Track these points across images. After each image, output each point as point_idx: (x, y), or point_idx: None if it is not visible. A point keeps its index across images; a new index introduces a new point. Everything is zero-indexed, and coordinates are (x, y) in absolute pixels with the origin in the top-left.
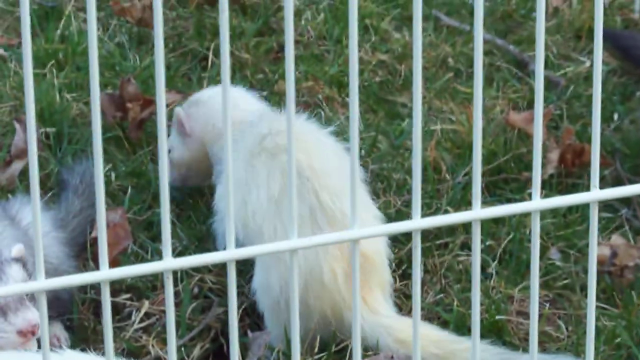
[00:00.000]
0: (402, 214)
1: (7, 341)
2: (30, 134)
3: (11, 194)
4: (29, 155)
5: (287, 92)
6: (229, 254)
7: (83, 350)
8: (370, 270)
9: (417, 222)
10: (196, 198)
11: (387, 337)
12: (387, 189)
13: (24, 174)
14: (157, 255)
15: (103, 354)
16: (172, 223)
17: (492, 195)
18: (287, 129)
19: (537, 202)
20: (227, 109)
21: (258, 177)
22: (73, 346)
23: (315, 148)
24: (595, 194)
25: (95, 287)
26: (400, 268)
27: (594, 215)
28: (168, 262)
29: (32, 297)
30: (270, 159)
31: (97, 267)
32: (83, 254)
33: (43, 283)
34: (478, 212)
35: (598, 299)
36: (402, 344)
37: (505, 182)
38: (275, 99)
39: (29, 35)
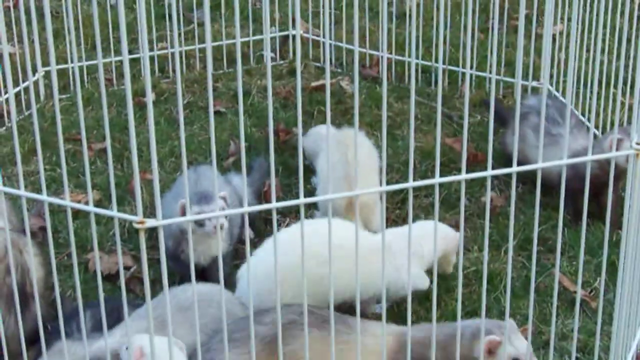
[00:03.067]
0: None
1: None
2: (242, 146)
3: (228, 171)
4: (241, 155)
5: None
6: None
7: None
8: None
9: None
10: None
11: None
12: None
13: (235, 163)
14: (294, 198)
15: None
16: None
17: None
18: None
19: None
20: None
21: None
22: (255, 238)
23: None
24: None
25: (265, 210)
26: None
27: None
28: (302, 200)
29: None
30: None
31: (266, 203)
32: (259, 198)
33: (247, 209)
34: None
35: None
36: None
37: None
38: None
39: None
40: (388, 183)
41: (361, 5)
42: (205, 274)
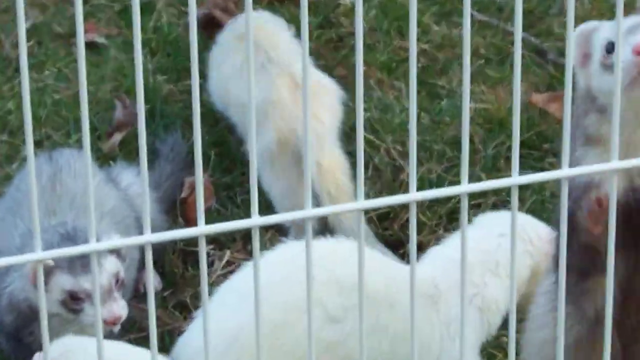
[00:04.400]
0: (442, 179)
1: (91, 324)
2: (140, 112)
3: (112, 161)
4: (139, 129)
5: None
6: (307, 213)
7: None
8: (321, 93)
9: (465, 187)
10: None
11: (316, 150)
12: (429, 157)
13: (123, 143)
14: (239, 211)
15: (192, 295)
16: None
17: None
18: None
19: (566, 171)
20: None
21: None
22: (164, 289)
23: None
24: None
25: (185, 239)
26: (440, 225)
27: None
28: (255, 220)
29: (120, 286)
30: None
31: (186, 222)
32: (173, 211)
33: (150, 237)
34: (516, 178)
35: None
36: (319, 166)
37: (529, 153)
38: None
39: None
40: (422, 181)
41: None
42: None
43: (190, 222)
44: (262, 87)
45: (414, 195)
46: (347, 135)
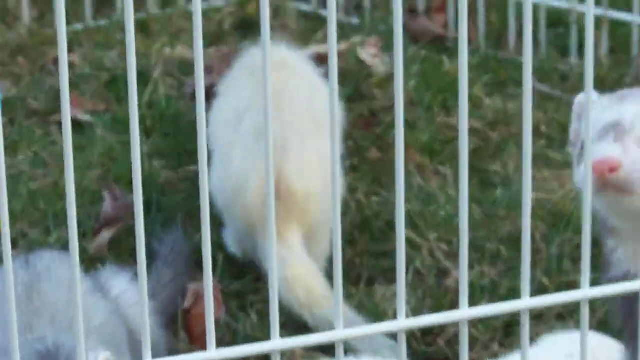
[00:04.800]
0: (497, 285)
1: None
2: (138, 205)
3: (100, 264)
4: (136, 230)
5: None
6: (337, 334)
7: None
8: (292, 206)
9: (525, 302)
10: None
11: (280, 269)
12: (481, 259)
13: (113, 242)
14: (253, 324)
15: None
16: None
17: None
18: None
19: None
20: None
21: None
22: None
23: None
24: None
25: None
26: (495, 340)
27: None
28: (276, 342)
29: None
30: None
31: (190, 338)
32: (174, 324)
33: None
34: (587, 291)
35: None
36: (285, 280)
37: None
38: (365, 168)
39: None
40: (472, 288)
41: None
42: None
43: (195, 337)
44: (243, 160)
45: (465, 313)
46: (383, 232)
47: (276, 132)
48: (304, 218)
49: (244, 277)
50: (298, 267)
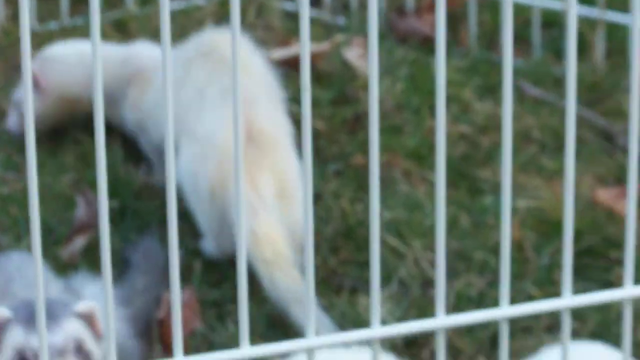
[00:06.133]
0: (484, 296)
1: None
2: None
3: (74, 270)
4: (101, 231)
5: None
6: (308, 342)
7: None
8: (264, 147)
9: (503, 310)
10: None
11: (249, 219)
12: (468, 268)
13: (87, 249)
14: (230, 335)
15: None
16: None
17: (579, 275)
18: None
19: (630, 290)
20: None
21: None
22: None
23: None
24: None
25: None
26: (481, 352)
27: None
28: (245, 351)
29: (82, 357)
30: (203, 59)
31: (164, 348)
32: (148, 333)
33: None
34: (568, 300)
35: None
36: (254, 235)
37: (592, 263)
38: (350, 173)
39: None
40: (459, 299)
41: None
42: None
43: (170, 348)
44: (211, 120)
45: (440, 321)
46: (367, 241)
47: (244, 92)
48: (275, 164)
49: (222, 285)
50: (267, 222)
